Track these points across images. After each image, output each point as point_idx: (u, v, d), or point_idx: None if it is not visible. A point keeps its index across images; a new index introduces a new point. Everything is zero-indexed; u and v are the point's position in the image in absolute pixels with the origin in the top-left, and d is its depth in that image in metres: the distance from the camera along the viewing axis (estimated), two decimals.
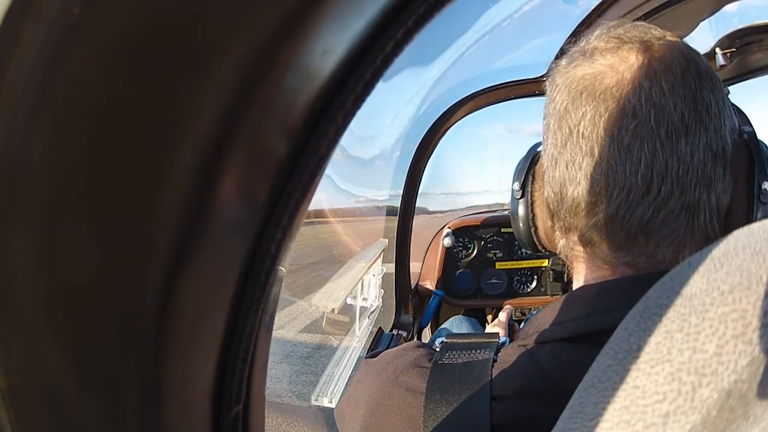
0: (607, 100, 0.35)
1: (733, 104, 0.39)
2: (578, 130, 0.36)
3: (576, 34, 0.93)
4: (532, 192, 0.47)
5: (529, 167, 0.48)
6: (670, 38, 0.37)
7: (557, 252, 0.44)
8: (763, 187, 0.39)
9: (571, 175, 0.37)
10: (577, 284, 0.41)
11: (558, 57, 0.57)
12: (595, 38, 0.39)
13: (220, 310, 0.17)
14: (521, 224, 0.48)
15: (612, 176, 0.35)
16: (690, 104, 0.34)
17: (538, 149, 0.48)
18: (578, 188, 0.37)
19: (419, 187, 1.35)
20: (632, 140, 0.34)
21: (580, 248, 0.39)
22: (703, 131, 0.34)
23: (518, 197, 0.48)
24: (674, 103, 0.34)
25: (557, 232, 0.42)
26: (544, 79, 0.43)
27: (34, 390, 0.14)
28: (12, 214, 0.12)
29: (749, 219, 0.39)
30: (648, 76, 0.34)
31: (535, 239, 0.48)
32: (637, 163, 0.34)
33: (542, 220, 0.46)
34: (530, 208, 0.47)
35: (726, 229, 0.36)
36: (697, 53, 0.37)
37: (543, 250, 0.49)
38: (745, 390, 0.19)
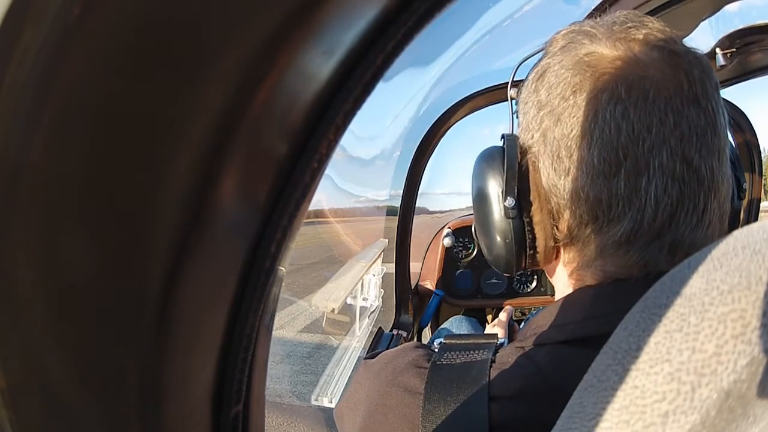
0: (666, 111, 0.33)
1: (732, 104, 0.40)
2: (640, 144, 0.33)
3: None
4: (528, 209, 0.38)
5: (519, 177, 0.38)
6: (692, 47, 0.36)
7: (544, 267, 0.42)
8: (743, 185, 0.42)
9: (626, 191, 0.33)
10: (571, 288, 0.39)
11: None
12: (630, 28, 0.35)
13: (221, 310, 0.17)
14: (516, 248, 0.39)
15: (678, 195, 0.33)
16: (725, 122, 0.35)
17: (524, 157, 0.39)
18: (645, 207, 0.33)
19: (419, 187, 1.35)
20: (698, 156, 0.33)
21: (596, 261, 0.36)
22: (718, 140, 0.35)
23: (512, 216, 0.38)
24: (721, 123, 0.35)
25: (569, 254, 0.38)
26: None
27: (34, 390, 0.14)
28: (12, 214, 0.12)
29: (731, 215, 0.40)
30: (704, 94, 0.34)
31: (527, 263, 0.40)
32: (702, 180, 0.33)
33: (545, 241, 0.38)
34: (529, 228, 0.38)
35: None
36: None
37: (527, 270, 0.42)
38: (745, 390, 0.19)
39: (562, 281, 0.41)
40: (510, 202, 0.38)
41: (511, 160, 0.38)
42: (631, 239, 0.34)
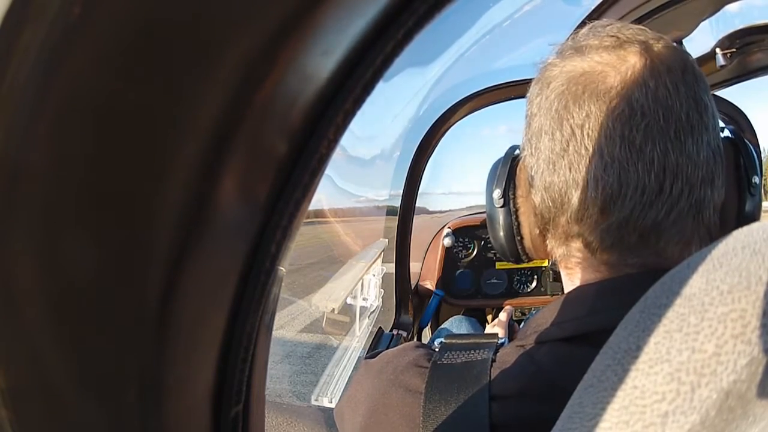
0: (613, 99, 0.34)
1: (732, 104, 0.40)
2: (583, 131, 0.35)
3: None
4: (514, 200, 0.44)
5: (509, 173, 0.45)
6: (665, 39, 0.37)
7: (546, 259, 0.44)
8: (753, 180, 0.41)
9: (575, 178, 0.36)
10: (572, 285, 0.40)
11: None
12: (585, 36, 0.38)
13: (220, 310, 0.17)
14: (504, 234, 0.45)
15: (625, 178, 0.34)
16: (692, 104, 0.34)
17: (516, 152, 0.46)
18: (586, 192, 0.35)
19: (419, 187, 1.35)
20: (644, 140, 0.34)
21: (584, 254, 0.38)
22: (704, 130, 0.35)
23: (499, 206, 0.45)
24: (680, 103, 0.34)
25: (552, 241, 0.41)
26: None
27: (34, 390, 0.14)
28: (12, 214, 0.12)
29: (740, 210, 0.41)
30: (653, 76, 0.34)
31: (519, 249, 0.45)
32: (650, 163, 0.33)
33: (529, 229, 0.44)
34: (515, 216, 0.44)
35: (719, 222, 0.37)
36: (689, 54, 0.37)
37: (526, 260, 0.47)
38: (744, 390, 0.19)
39: (565, 280, 0.42)
40: (497, 193, 0.45)
41: (505, 162, 0.45)
42: (623, 226, 0.35)
